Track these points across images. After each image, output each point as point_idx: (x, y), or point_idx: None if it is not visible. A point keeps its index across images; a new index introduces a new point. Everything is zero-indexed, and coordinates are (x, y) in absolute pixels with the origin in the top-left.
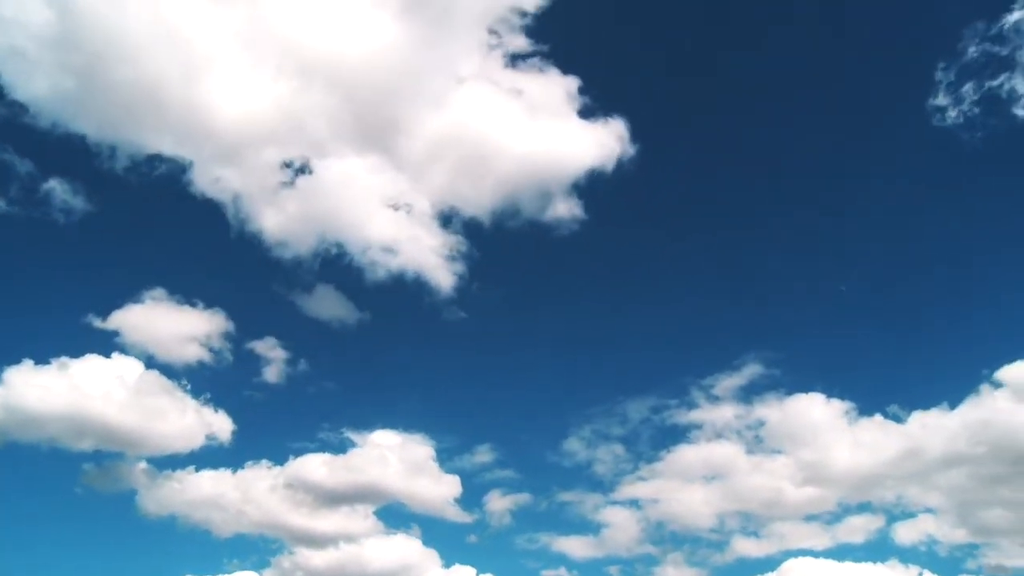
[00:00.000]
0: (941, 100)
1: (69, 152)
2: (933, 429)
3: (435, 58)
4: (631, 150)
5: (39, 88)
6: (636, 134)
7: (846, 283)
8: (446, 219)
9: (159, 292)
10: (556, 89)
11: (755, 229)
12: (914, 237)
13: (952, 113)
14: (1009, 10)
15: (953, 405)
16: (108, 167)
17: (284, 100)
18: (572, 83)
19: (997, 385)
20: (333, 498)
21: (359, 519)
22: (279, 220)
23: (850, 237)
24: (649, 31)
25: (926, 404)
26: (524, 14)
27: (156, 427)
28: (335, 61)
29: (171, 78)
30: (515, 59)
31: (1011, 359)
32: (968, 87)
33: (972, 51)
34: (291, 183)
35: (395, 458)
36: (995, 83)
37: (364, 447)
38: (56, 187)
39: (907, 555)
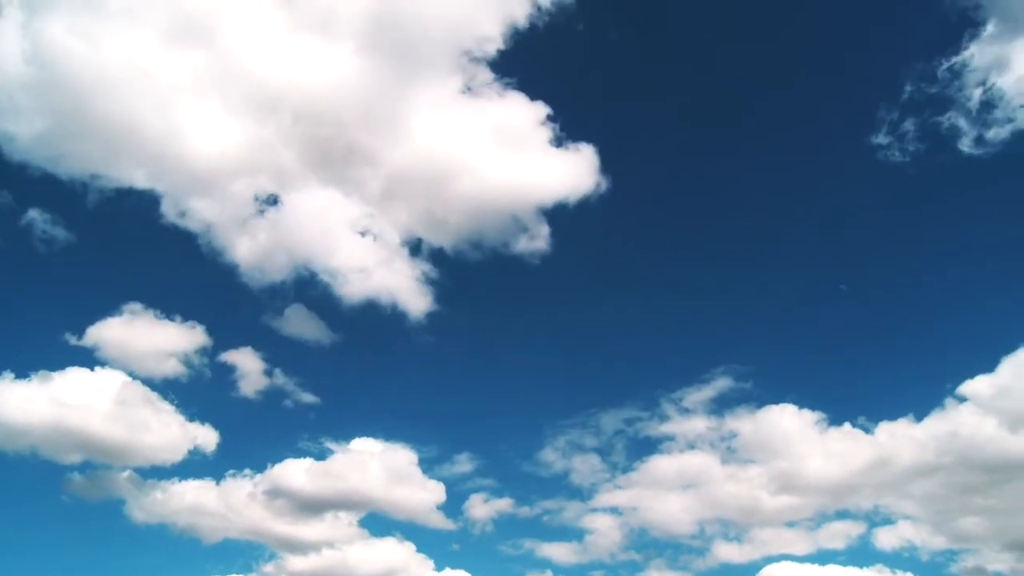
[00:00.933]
0: (882, 139)
1: (47, 186)
2: (902, 439)
3: (400, 88)
4: (599, 176)
5: (18, 126)
6: (604, 161)
7: (816, 296)
8: (415, 246)
9: (137, 307)
10: (523, 118)
11: (721, 250)
12: (877, 260)
13: (898, 151)
14: (950, 52)
15: (919, 417)
16: (84, 200)
17: (251, 134)
18: (540, 111)
19: (961, 399)
20: (318, 505)
21: (343, 526)
22: (251, 249)
23: (814, 260)
24: (615, 62)
25: (892, 416)
26: (490, 44)
27: (139, 438)
28: (300, 94)
29: (142, 116)
30: (481, 88)
31: (973, 374)
32: (911, 124)
33: (914, 90)
34: (261, 213)
35: (378, 465)
36: (937, 121)
37: (346, 455)
38: (36, 218)
39: (889, 560)
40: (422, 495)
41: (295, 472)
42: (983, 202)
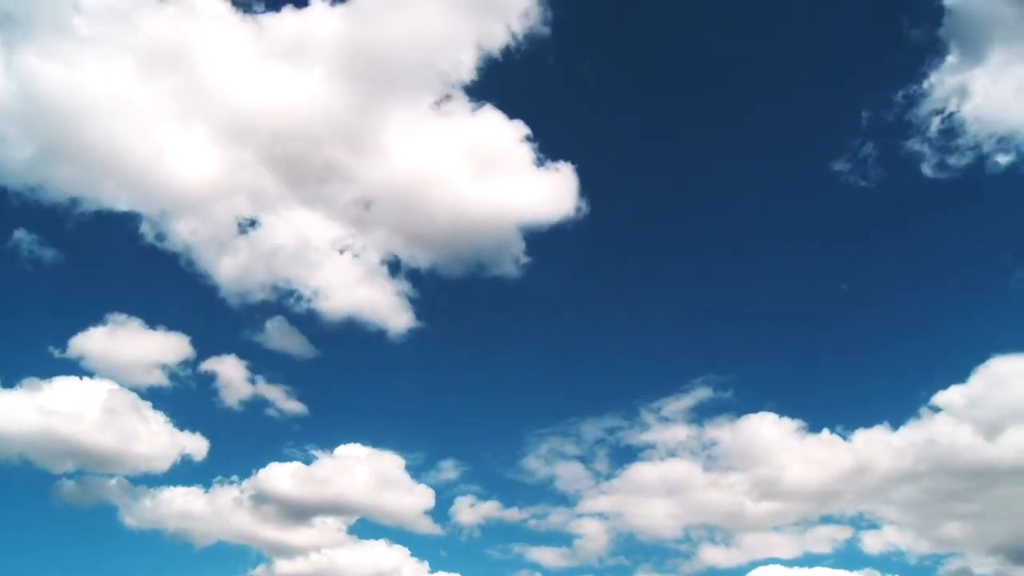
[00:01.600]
0: (843, 165)
1: (32, 209)
2: (880, 446)
3: (375, 110)
4: (577, 194)
5: (3, 153)
6: (583, 179)
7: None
8: (394, 265)
9: (121, 317)
10: (500, 137)
11: (698, 264)
12: (849, 277)
13: (862, 176)
14: (912, 80)
15: (895, 426)
16: (67, 221)
17: (229, 157)
18: (517, 131)
19: (935, 409)
20: (306, 511)
21: (332, 531)
22: (232, 268)
23: (789, 275)
24: (590, 83)
25: (869, 423)
26: (465, 66)
27: (128, 446)
28: (275, 118)
29: (122, 141)
30: (456, 109)
31: (946, 385)
32: (873, 150)
33: (876, 117)
34: (241, 234)
35: (366, 471)
36: (900, 146)
37: (333, 461)
38: (23, 238)
39: (876, 563)
40: (411, 500)
41: (283, 478)
42: (948, 223)
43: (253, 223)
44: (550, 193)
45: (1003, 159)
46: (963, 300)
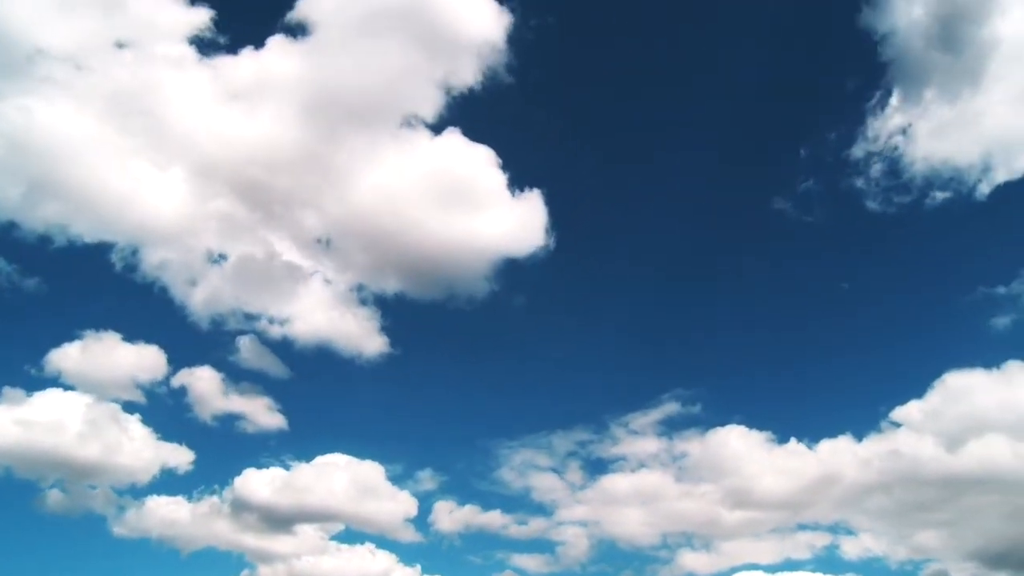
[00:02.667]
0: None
1: (11, 240)
2: (847, 457)
3: (340, 142)
4: (546, 219)
5: None
6: (551, 206)
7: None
8: (364, 292)
9: (98, 334)
10: (466, 167)
11: (662, 288)
12: (804, 303)
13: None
14: (856, 119)
15: (859, 438)
16: (44, 252)
17: (198, 190)
18: (484, 161)
19: (896, 424)
20: (289, 518)
21: (314, 539)
22: (204, 295)
23: (748, 300)
24: (558, 115)
25: (833, 434)
26: (432, 96)
27: (111, 457)
28: (241, 152)
29: (95, 178)
30: (422, 138)
31: (904, 401)
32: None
33: (822, 155)
34: (212, 263)
35: (348, 479)
36: (845, 183)
37: (314, 471)
38: (2, 267)
39: (857, 569)
40: (392, 507)
41: (264, 487)
42: (895, 253)
43: (222, 255)
44: (519, 220)
45: (940, 195)
46: (916, 322)
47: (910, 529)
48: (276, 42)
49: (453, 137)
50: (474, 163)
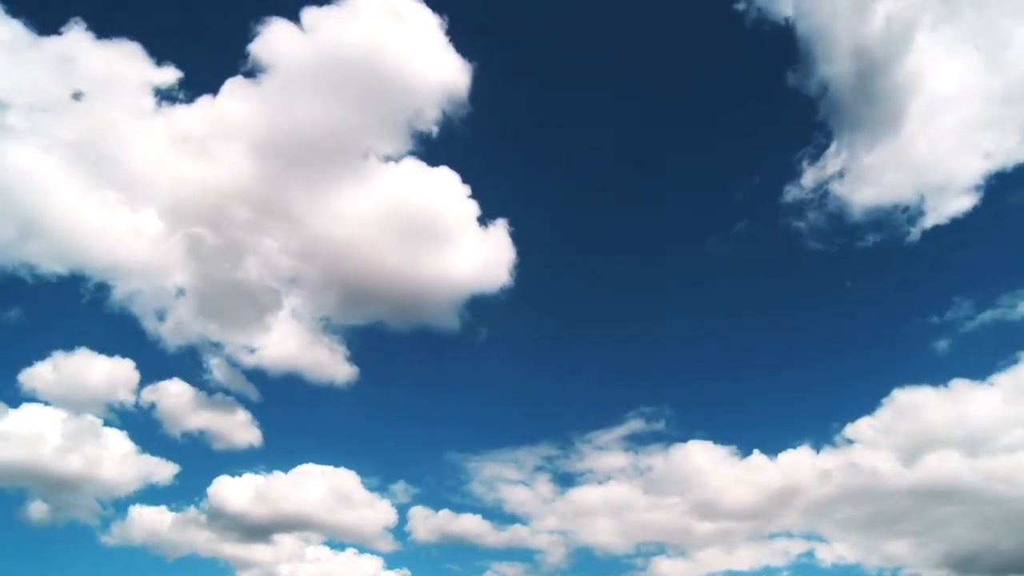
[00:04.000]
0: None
1: None
2: (808, 470)
3: (300, 179)
4: (511, 248)
5: None
6: (516, 234)
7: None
8: (330, 323)
9: (76, 351)
10: (433, 201)
11: (621, 316)
12: (757, 329)
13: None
14: (797, 162)
15: (818, 451)
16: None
17: (162, 228)
18: (454, 193)
19: (849, 440)
20: (268, 527)
21: (294, 547)
22: (172, 325)
23: (706, 323)
24: (523, 152)
25: (795, 445)
26: (392, 133)
27: (92, 470)
28: (211, 190)
29: (64, 216)
30: (379, 174)
31: (857, 416)
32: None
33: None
34: (178, 297)
35: (326, 490)
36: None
37: (292, 481)
38: None
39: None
40: (372, 516)
41: (241, 497)
42: (837, 290)
43: (187, 290)
44: (486, 252)
45: (873, 237)
46: (864, 345)
47: (879, 539)
48: (235, 85)
49: (413, 172)
50: (437, 197)
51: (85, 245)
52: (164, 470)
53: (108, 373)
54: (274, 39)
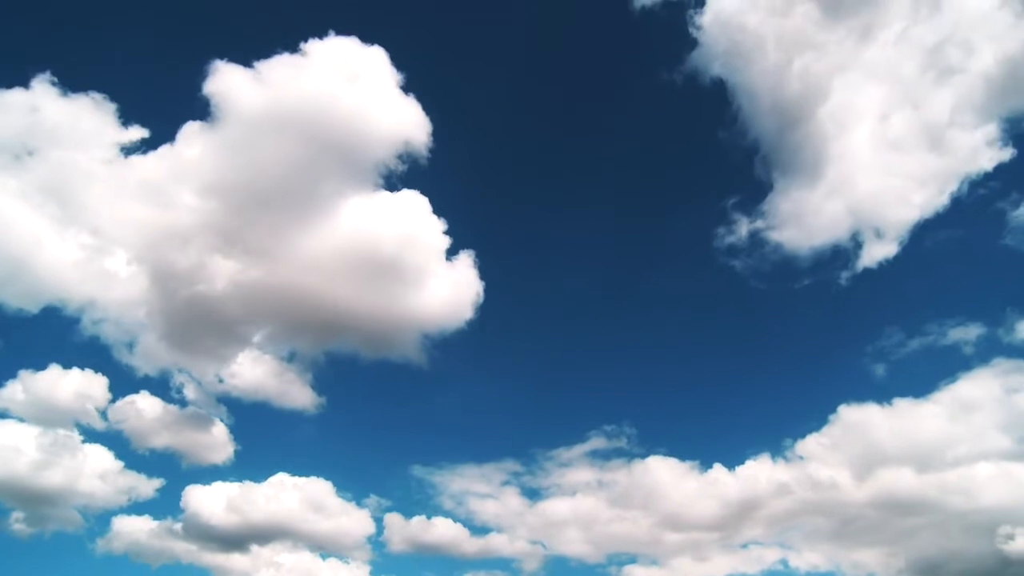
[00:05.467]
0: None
1: None
2: (766, 484)
3: (260, 217)
4: (478, 279)
5: None
6: (482, 265)
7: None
8: (295, 355)
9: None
10: (403, 235)
11: (580, 342)
12: (714, 351)
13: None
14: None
15: (775, 466)
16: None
17: (128, 265)
18: (422, 229)
19: (800, 457)
20: (245, 537)
21: (270, 554)
22: (143, 352)
23: (663, 348)
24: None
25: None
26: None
27: (73, 482)
28: (170, 231)
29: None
30: (333, 214)
31: (805, 433)
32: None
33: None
34: (143, 329)
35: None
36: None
37: (270, 491)
38: None
39: None
40: (349, 526)
41: (218, 507)
42: (777, 322)
43: (150, 324)
44: (450, 284)
45: (807, 280)
46: (809, 369)
47: (847, 548)
48: (194, 131)
49: (373, 209)
50: (397, 233)
51: (57, 282)
52: (142, 483)
53: (81, 390)
54: (234, 87)
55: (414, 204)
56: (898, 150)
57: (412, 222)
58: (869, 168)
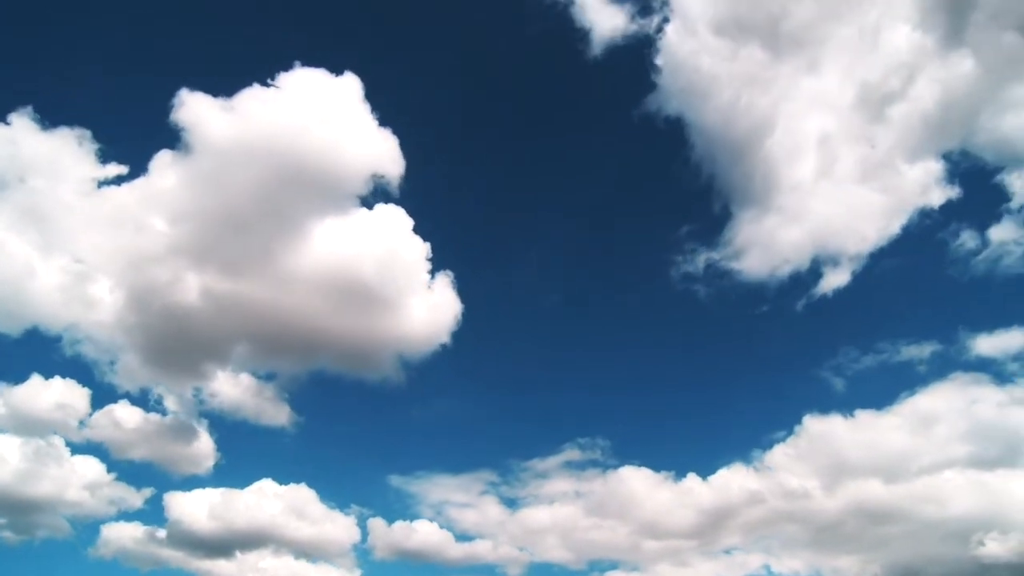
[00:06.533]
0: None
1: None
2: (739, 493)
3: (227, 247)
4: (456, 299)
5: None
6: (459, 285)
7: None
8: (267, 375)
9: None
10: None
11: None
12: (677, 371)
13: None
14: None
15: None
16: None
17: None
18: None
19: (769, 468)
20: (233, 543)
21: (255, 561)
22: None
23: (632, 367)
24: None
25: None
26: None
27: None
28: (148, 256)
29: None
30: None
31: (773, 444)
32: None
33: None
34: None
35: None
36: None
37: (253, 499)
38: None
39: None
40: (334, 534)
41: (202, 515)
42: (736, 342)
43: (129, 346)
44: (428, 305)
45: (765, 307)
46: (773, 385)
47: (826, 555)
48: (167, 161)
49: (347, 234)
50: (372, 255)
51: (38, 307)
52: (126, 491)
53: (63, 401)
54: (206, 116)
55: (391, 226)
56: (845, 182)
57: (389, 245)
58: (820, 199)
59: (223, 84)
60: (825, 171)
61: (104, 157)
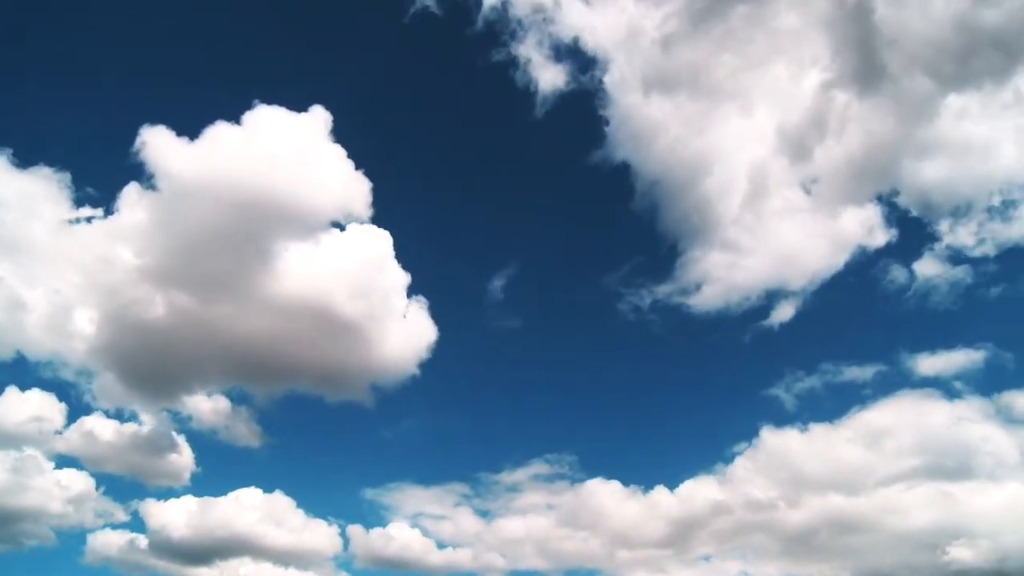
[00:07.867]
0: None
1: None
2: (706, 504)
3: (199, 275)
4: (431, 323)
5: None
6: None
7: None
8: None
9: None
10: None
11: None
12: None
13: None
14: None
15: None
16: None
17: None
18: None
19: (730, 480)
20: (212, 551)
21: (236, 568)
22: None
23: (600, 384)
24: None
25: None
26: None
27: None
28: (125, 282)
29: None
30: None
31: (731, 458)
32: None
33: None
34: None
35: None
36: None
37: (235, 507)
38: None
39: None
40: (316, 541)
41: (181, 522)
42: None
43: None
44: (402, 330)
45: (713, 336)
46: (729, 401)
47: (798, 563)
48: (134, 195)
49: (318, 262)
50: (345, 282)
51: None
52: (104, 502)
53: (39, 413)
54: (173, 151)
55: (361, 254)
56: (776, 222)
57: (360, 271)
58: (758, 237)
59: (190, 118)
60: (757, 211)
61: (76, 193)
